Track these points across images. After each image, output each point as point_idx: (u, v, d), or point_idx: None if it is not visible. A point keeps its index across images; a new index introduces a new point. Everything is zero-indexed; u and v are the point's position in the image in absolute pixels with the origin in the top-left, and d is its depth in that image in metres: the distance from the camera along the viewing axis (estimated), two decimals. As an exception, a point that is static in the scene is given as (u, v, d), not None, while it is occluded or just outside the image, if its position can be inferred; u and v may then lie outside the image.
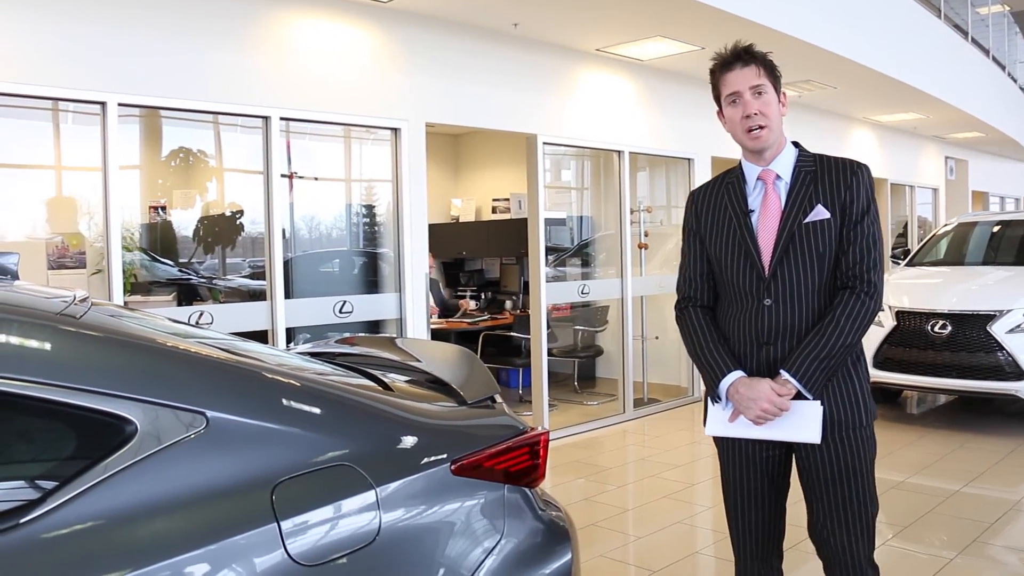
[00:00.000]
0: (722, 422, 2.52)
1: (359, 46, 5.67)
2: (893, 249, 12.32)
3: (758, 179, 2.56)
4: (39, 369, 1.53)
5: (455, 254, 9.98)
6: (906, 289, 7.62)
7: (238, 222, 5.78)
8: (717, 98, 2.58)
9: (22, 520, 1.43)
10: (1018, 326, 6.68)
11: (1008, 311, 6.74)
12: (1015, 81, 16.31)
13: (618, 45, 7.08)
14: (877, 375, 7.31)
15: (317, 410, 1.84)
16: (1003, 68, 15.27)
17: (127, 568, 1.47)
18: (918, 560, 4.29)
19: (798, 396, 2.41)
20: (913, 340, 7.11)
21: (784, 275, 2.46)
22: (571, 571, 2.18)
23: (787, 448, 2.57)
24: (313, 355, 2.52)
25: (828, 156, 2.57)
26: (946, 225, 9.55)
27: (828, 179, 2.48)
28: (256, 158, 5.37)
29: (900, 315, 7.20)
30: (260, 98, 5.16)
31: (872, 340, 7.29)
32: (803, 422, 2.42)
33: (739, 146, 2.58)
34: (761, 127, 2.46)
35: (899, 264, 9.18)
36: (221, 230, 5.77)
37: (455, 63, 6.22)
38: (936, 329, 6.97)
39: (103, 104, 4.60)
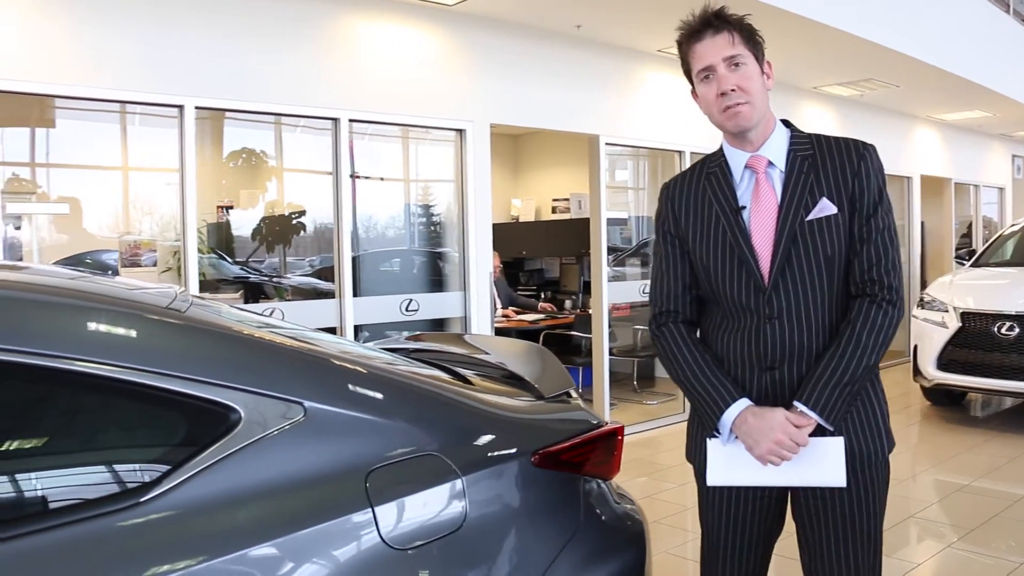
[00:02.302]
0: (726, 468, 2.09)
1: (425, 48, 5.78)
2: (957, 250, 12.13)
3: (746, 167, 2.13)
4: (153, 359, 1.63)
5: (515, 254, 10.07)
6: (971, 290, 7.53)
7: (295, 221, 5.93)
8: (688, 74, 2.16)
9: (142, 499, 1.53)
10: (1088, 328, 6.57)
11: (1078, 313, 6.63)
12: (1086, 77, 15.90)
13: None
14: (941, 377, 7.26)
15: (407, 402, 1.93)
16: (1073, 64, 14.90)
17: (236, 547, 1.57)
18: (983, 564, 4.26)
19: (814, 431, 2.01)
20: (979, 342, 7.03)
21: (788, 284, 2.05)
22: (645, 563, 2.24)
23: (783, 488, 2.16)
24: (391, 351, 2.61)
25: (827, 136, 2.15)
26: (1013, 225, 9.40)
27: (831, 165, 2.07)
28: (318, 158, 5.51)
29: (965, 316, 7.11)
30: (330, 100, 5.30)
31: (936, 342, 7.23)
32: (823, 462, 2.01)
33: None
34: (740, 104, 2.04)
35: (964, 264, 9.05)
36: (285, 229, 5.93)
37: (519, 65, 6.30)
38: (1003, 331, 6.87)
39: (181, 107, 4.77)
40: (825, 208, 2.03)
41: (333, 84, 5.32)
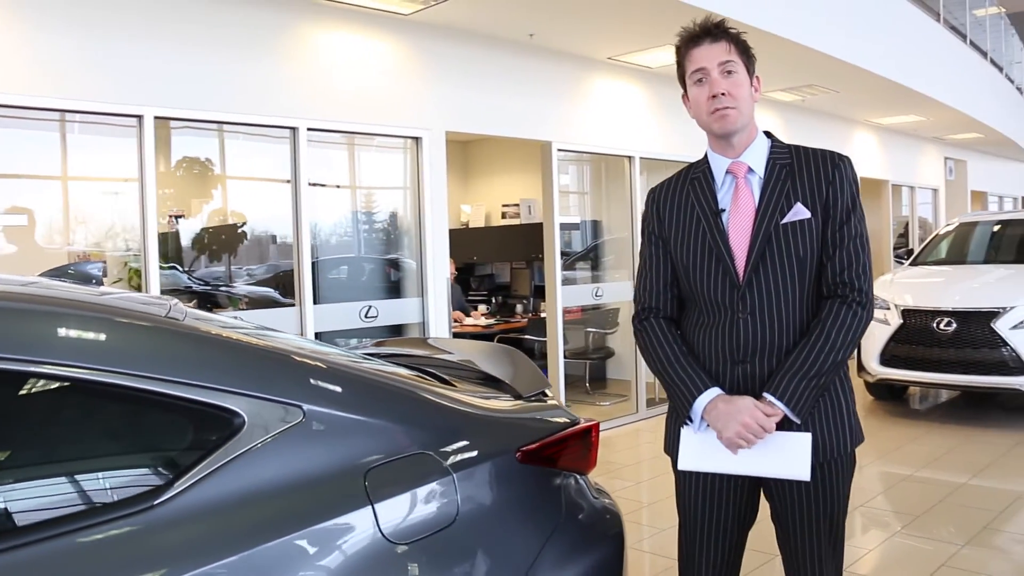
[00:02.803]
0: (697, 454, 2.21)
1: (381, 57, 5.85)
2: (895, 249, 12.51)
3: (727, 172, 2.26)
4: (160, 367, 1.70)
5: (466, 259, 10.15)
6: (911, 288, 7.82)
7: (243, 230, 5.90)
8: (682, 79, 2.29)
9: (155, 502, 1.60)
10: (1021, 322, 6.88)
11: (1011, 308, 6.93)
12: (1012, 82, 16.51)
13: (629, 53, 7.27)
14: (884, 372, 7.52)
15: (399, 404, 2.02)
16: (1000, 70, 15.47)
17: (247, 546, 1.64)
18: (927, 551, 4.45)
19: (783, 425, 2.13)
20: (919, 337, 7.31)
21: (761, 283, 2.17)
22: (623, 554, 2.36)
23: (756, 479, 2.28)
24: (371, 356, 2.68)
25: (805, 147, 2.27)
26: (948, 225, 9.75)
27: (807, 173, 2.19)
28: (272, 166, 5.54)
29: (906, 313, 7.39)
30: (289, 109, 5.34)
31: (879, 338, 7.49)
32: (790, 455, 2.12)
33: (708, 135, 2.32)
34: (729, 108, 2.17)
35: (903, 264, 9.37)
36: (236, 238, 5.91)
37: (473, 73, 6.40)
38: (941, 327, 7.15)
39: (140, 117, 4.77)
40: (799, 212, 2.15)
41: (292, 93, 5.36)
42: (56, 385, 1.60)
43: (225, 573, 1.60)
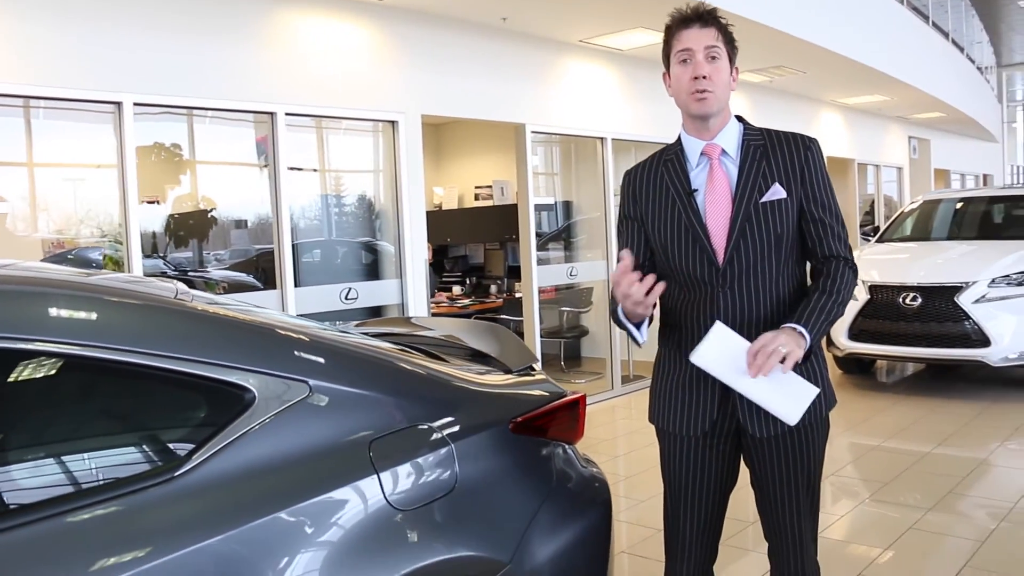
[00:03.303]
0: (715, 355, 2.17)
1: (357, 42, 5.90)
2: (862, 227, 12.73)
3: (702, 154, 2.34)
4: (174, 346, 1.78)
5: (440, 241, 10.22)
6: (877, 264, 8.01)
7: (215, 215, 5.89)
8: (667, 56, 2.36)
9: (175, 474, 1.69)
10: (983, 296, 7.09)
11: (974, 283, 7.14)
12: (972, 62, 16.82)
13: (600, 36, 7.36)
14: (852, 346, 7.71)
15: (398, 379, 2.12)
16: (961, 50, 15.76)
17: (262, 513, 1.74)
18: (894, 516, 4.63)
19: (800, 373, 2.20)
20: (885, 312, 7.50)
21: (741, 260, 2.27)
22: (610, 517, 2.48)
23: (736, 442, 2.39)
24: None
25: (775, 131, 2.38)
26: (912, 203, 9.95)
27: (780, 155, 2.30)
28: (245, 151, 5.59)
29: (873, 289, 7.58)
30: (266, 95, 5.38)
31: (847, 313, 7.67)
32: (792, 399, 2.17)
33: (681, 115, 2.39)
34: (708, 92, 2.26)
35: (869, 241, 9.57)
36: (210, 223, 5.91)
37: (448, 57, 6.47)
38: (907, 301, 7.35)
39: (119, 104, 4.80)
40: (776, 192, 2.27)
41: (269, 79, 5.41)
42: (83, 365, 1.69)
43: (243, 538, 1.70)
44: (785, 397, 2.16)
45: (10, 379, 1.65)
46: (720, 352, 2.17)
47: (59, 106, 4.79)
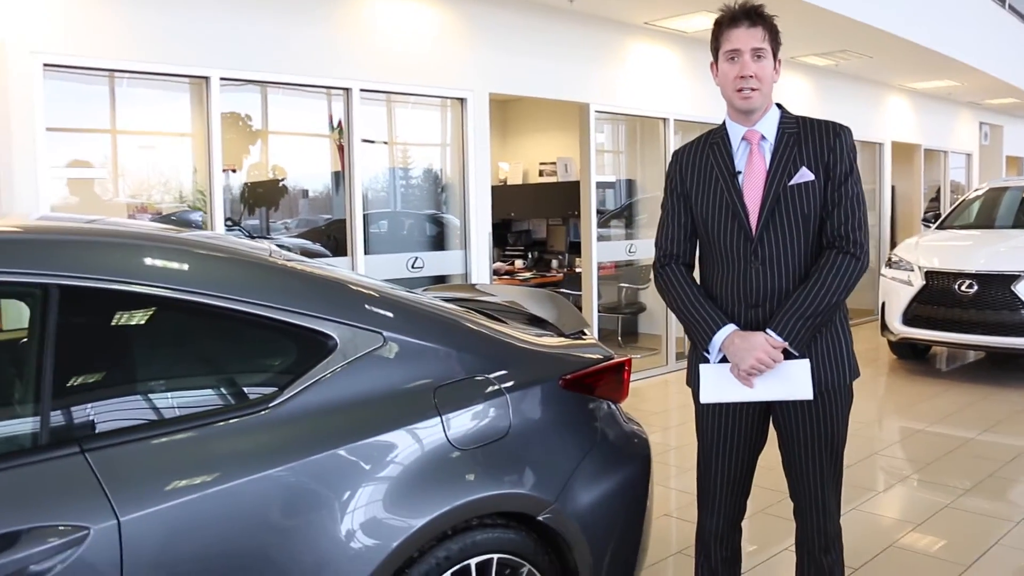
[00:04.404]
0: (716, 386, 2.49)
1: (429, 22, 6.16)
2: (925, 213, 12.65)
3: (743, 139, 2.54)
4: (272, 296, 2.08)
5: (503, 215, 10.47)
6: (936, 251, 8.05)
7: (284, 184, 6.15)
8: (715, 51, 2.55)
9: (270, 404, 1.99)
10: (1041, 286, 7.11)
11: (1032, 272, 7.16)
12: (1051, 47, 16.42)
13: (665, 19, 7.51)
14: (905, 331, 7.80)
15: (462, 335, 2.39)
16: (1039, 34, 15.41)
17: (342, 442, 2.03)
18: (932, 494, 4.78)
19: (786, 356, 2.43)
20: (941, 299, 7.56)
21: (770, 237, 2.46)
22: (650, 473, 2.72)
23: (765, 405, 2.58)
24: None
25: (810, 118, 2.57)
26: (977, 190, 9.89)
27: (811, 141, 2.49)
28: (318, 123, 5.89)
29: (929, 275, 7.64)
30: (342, 72, 5.67)
31: (902, 299, 7.76)
32: (793, 380, 2.43)
33: (727, 104, 2.58)
34: (753, 89, 2.46)
35: (929, 227, 9.56)
36: (278, 192, 6.20)
37: (515, 37, 6.69)
38: (963, 288, 7.40)
39: (207, 79, 5.13)
40: (804, 175, 2.46)
41: (345, 57, 5.69)
42: (199, 311, 1.99)
43: (324, 463, 1.99)
44: (786, 382, 2.44)
45: (149, 321, 1.99)
46: (716, 384, 2.49)
47: (143, 79, 5.11)
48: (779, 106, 2.60)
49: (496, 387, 2.33)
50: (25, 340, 1.90)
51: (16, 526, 1.63)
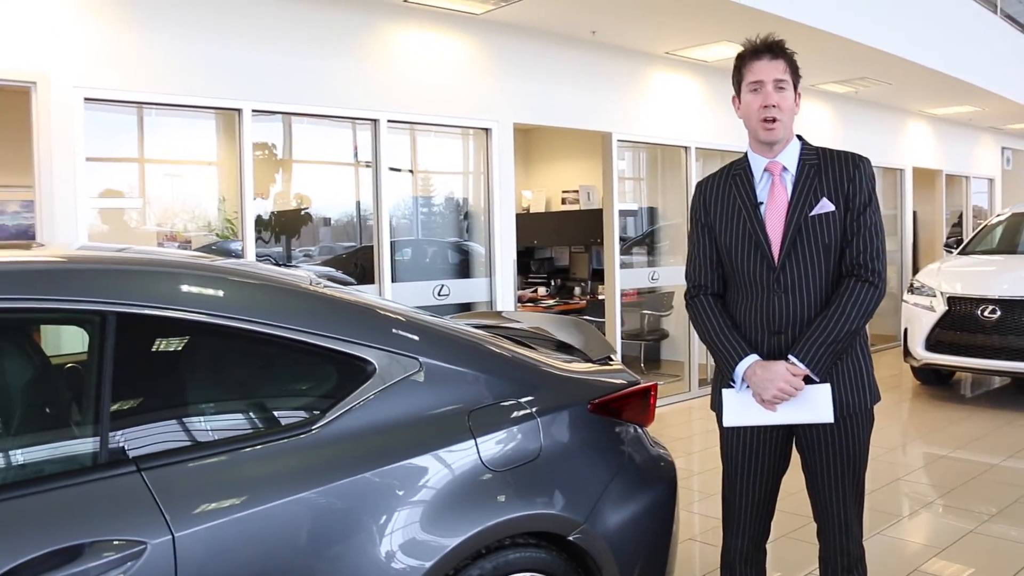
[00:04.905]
0: (738, 411, 2.58)
1: (454, 54, 6.30)
2: (947, 238, 12.64)
3: (765, 170, 2.62)
4: (315, 323, 2.17)
5: (526, 243, 10.57)
6: (958, 276, 8.06)
7: (304, 212, 6.22)
8: (737, 83, 2.65)
9: (313, 428, 2.08)
10: (1064, 311, 7.12)
11: (1055, 297, 7.17)
12: (1073, 72, 16.41)
13: (686, 49, 7.63)
14: (928, 357, 7.80)
15: (495, 361, 2.48)
16: (1061, 60, 15.41)
17: (381, 463, 2.11)
18: (956, 519, 4.79)
19: (807, 380, 2.51)
20: (964, 324, 7.57)
21: (792, 266, 2.54)
22: (676, 496, 2.79)
23: (788, 429, 2.65)
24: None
25: (830, 149, 2.65)
26: (999, 215, 9.90)
27: (831, 172, 2.56)
28: (344, 153, 6.03)
29: (952, 300, 7.65)
30: (369, 103, 5.81)
31: (924, 324, 7.78)
32: (815, 404, 2.51)
33: (749, 136, 2.68)
34: (775, 120, 2.55)
35: (952, 252, 9.58)
36: (304, 220, 6.28)
37: (539, 68, 6.83)
38: (986, 314, 7.42)
39: (239, 111, 5.27)
40: (825, 206, 2.55)
41: (372, 88, 5.83)
42: (246, 337, 2.09)
43: (363, 483, 2.08)
44: (808, 406, 2.53)
45: (199, 347, 2.10)
46: (739, 408, 2.60)
47: (173, 112, 5.24)
48: (800, 137, 2.68)
49: (527, 411, 2.41)
50: (82, 364, 2.00)
51: (79, 539, 1.72)
